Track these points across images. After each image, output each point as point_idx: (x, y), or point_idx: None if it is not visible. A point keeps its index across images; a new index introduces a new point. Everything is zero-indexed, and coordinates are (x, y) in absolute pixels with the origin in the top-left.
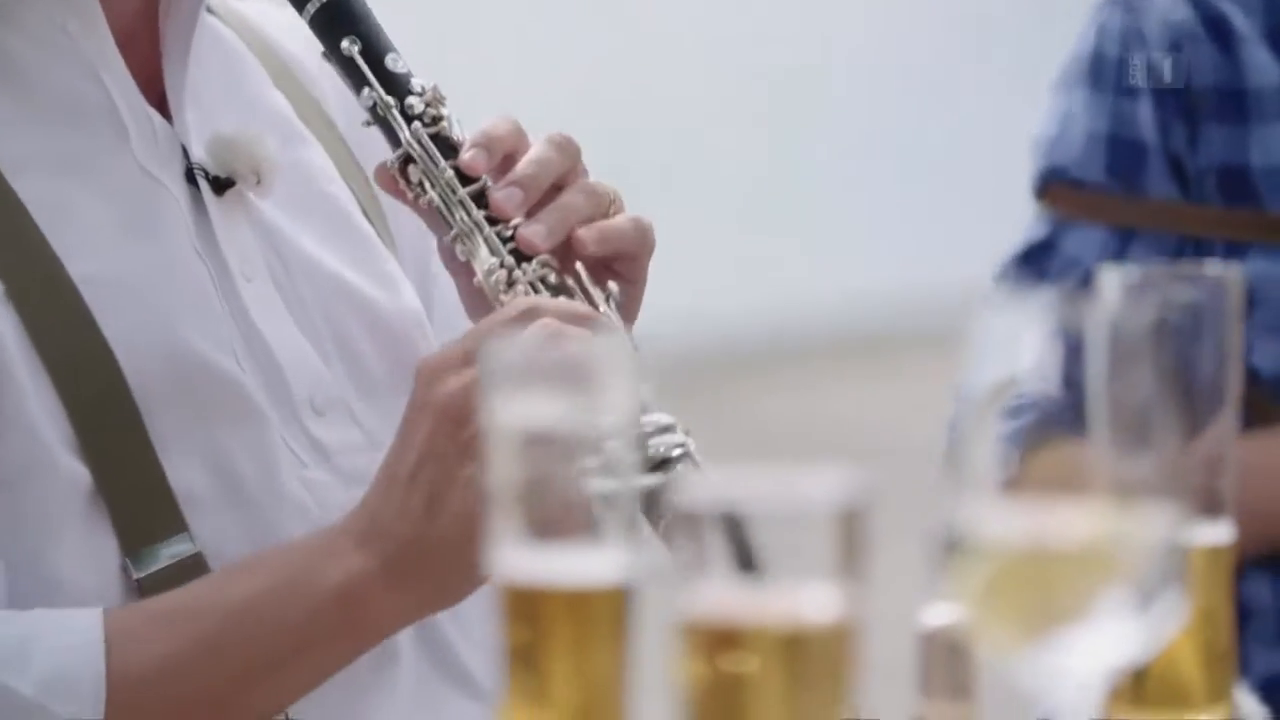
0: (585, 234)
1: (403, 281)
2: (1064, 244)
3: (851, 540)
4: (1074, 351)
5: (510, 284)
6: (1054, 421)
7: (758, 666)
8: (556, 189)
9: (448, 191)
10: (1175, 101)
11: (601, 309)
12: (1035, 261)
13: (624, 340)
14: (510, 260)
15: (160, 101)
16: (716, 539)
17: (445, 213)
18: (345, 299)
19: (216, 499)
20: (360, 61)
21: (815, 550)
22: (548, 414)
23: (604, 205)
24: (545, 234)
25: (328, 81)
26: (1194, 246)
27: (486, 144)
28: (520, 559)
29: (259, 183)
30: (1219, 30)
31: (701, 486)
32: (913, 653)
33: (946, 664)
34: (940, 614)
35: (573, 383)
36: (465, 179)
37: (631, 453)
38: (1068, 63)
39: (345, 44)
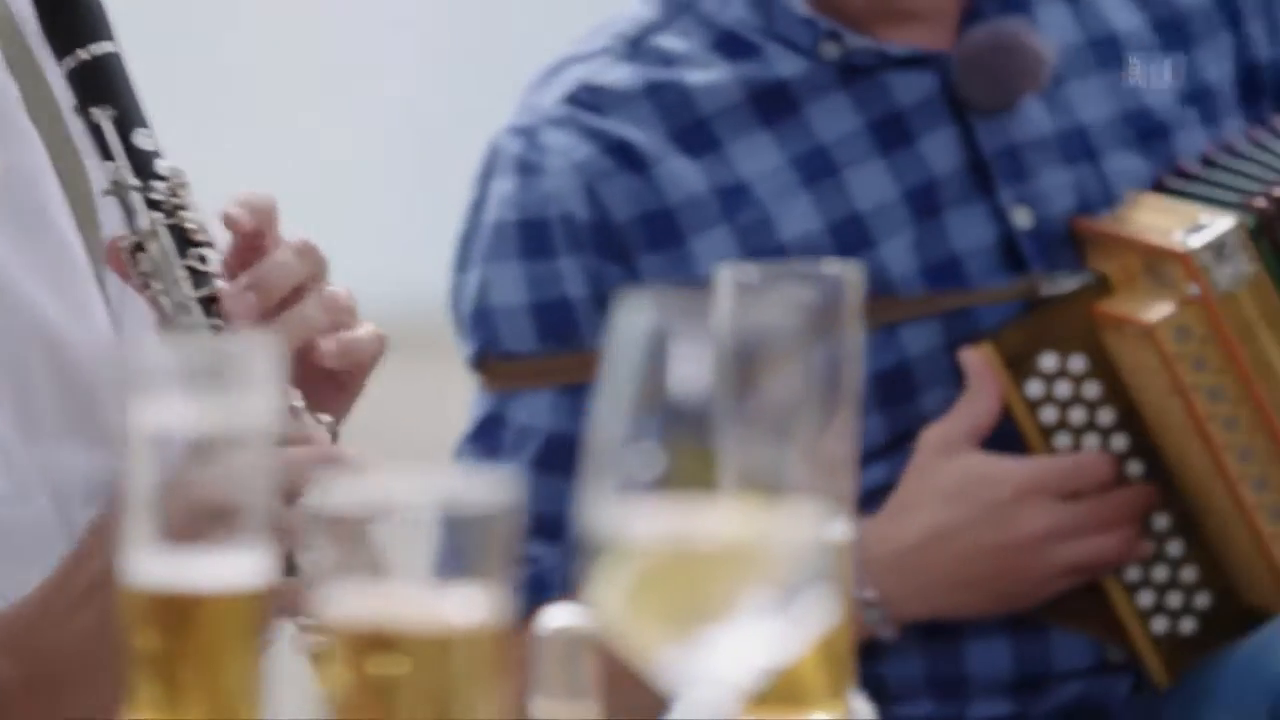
0: (327, 346)
1: (96, 304)
2: (512, 415)
3: (497, 542)
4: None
5: None
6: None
7: (404, 670)
8: (296, 294)
9: (176, 289)
10: (601, 245)
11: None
12: (487, 437)
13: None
14: None
15: None
16: (357, 542)
17: (171, 311)
18: (32, 330)
19: None
20: (109, 132)
21: (460, 552)
22: (184, 416)
23: (343, 317)
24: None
25: None
26: None
27: (231, 237)
28: (152, 563)
29: None
30: (627, 156)
31: (343, 489)
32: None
33: (563, 665)
34: (558, 615)
35: (212, 385)
36: (198, 276)
37: (271, 456)
38: (464, 238)
39: (96, 110)
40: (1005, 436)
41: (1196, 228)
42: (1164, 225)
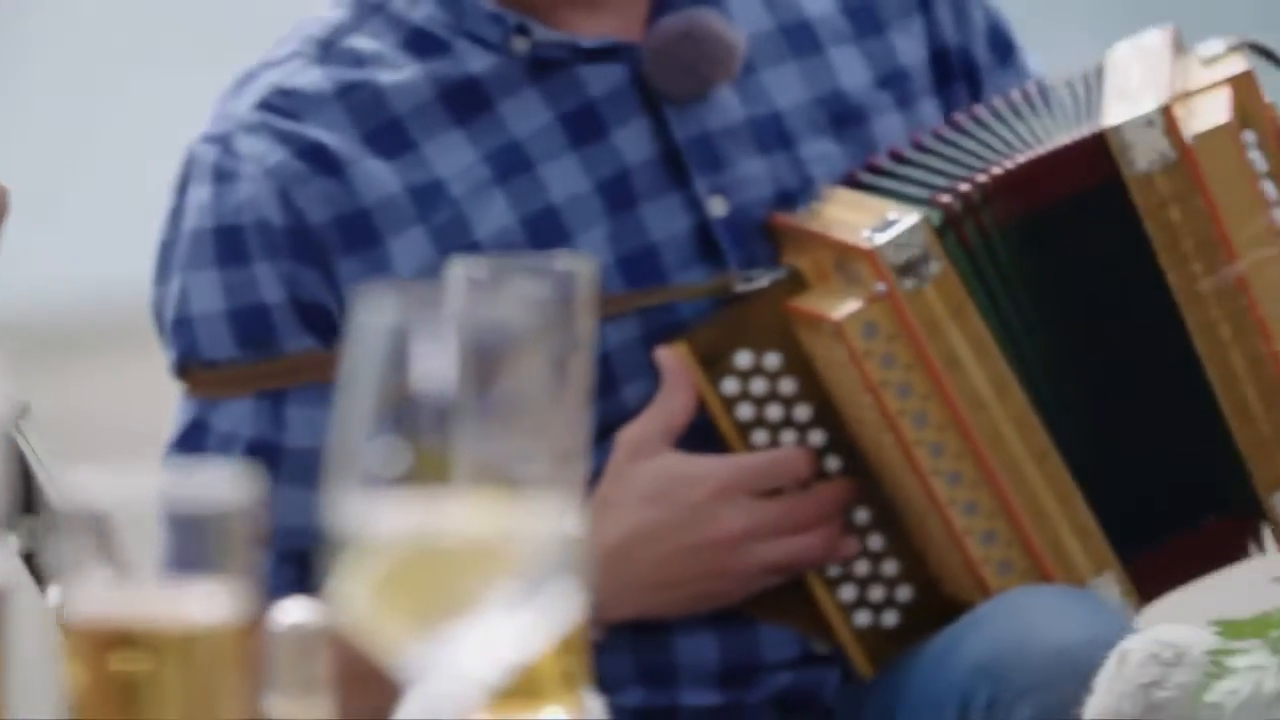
0: None
1: None
2: (214, 422)
3: (235, 539)
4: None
5: None
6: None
7: (145, 667)
8: None
9: None
10: (297, 249)
11: None
12: (191, 444)
13: None
14: None
15: None
16: (96, 538)
17: None
18: None
19: None
20: None
21: (199, 549)
22: None
23: None
24: None
25: None
26: None
27: None
28: None
29: None
30: (320, 159)
31: (78, 486)
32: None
33: (296, 661)
34: (291, 611)
35: None
36: None
37: None
38: (163, 247)
39: None
40: (705, 433)
41: (884, 225)
42: (854, 221)
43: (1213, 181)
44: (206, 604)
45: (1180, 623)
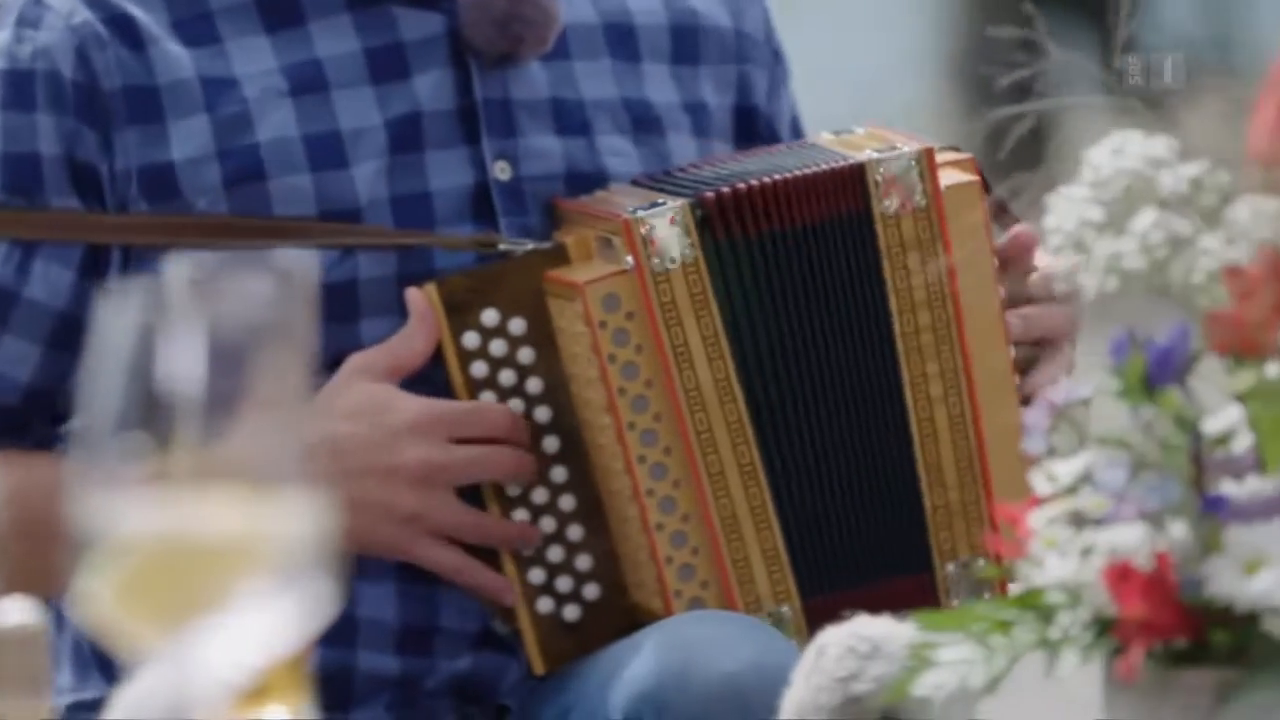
0: None
1: None
2: None
3: None
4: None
5: None
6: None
7: None
8: None
9: None
10: (81, 108)
11: None
12: None
13: None
14: None
15: None
16: None
17: None
18: None
19: None
20: None
21: None
22: None
23: None
24: None
25: None
26: (102, 254)
27: None
28: None
29: None
30: (125, 30)
31: None
32: None
33: (20, 661)
34: (11, 611)
35: None
36: None
37: None
38: None
39: None
40: (439, 390)
41: (650, 205)
42: (624, 203)
43: (954, 235)
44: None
45: None
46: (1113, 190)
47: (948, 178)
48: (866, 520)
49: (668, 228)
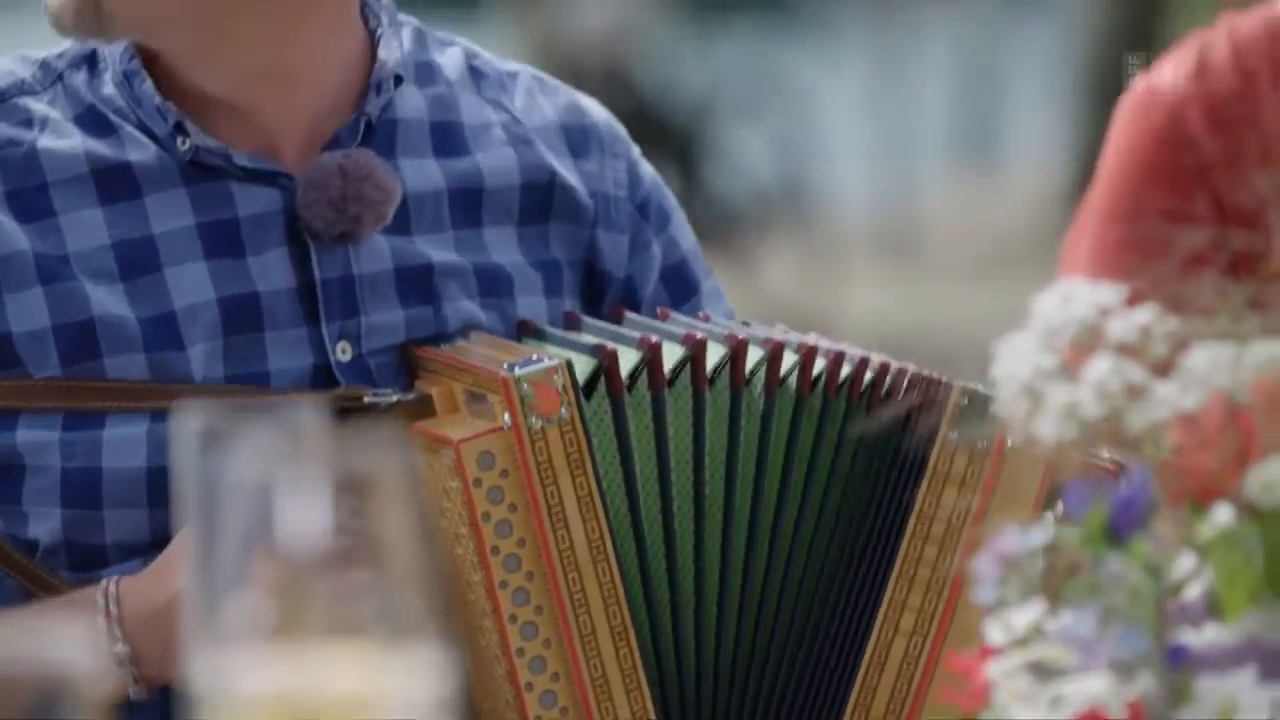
0: None
1: None
2: None
3: None
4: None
5: None
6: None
7: None
8: None
9: None
10: None
11: None
12: None
13: None
14: None
15: None
16: None
17: None
18: None
19: None
20: None
21: None
22: None
23: None
24: None
25: None
26: None
27: None
28: None
29: None
30: None
31: None
32: None
33: None
34: None
35: None
36: None
37: None
38: None
39: None
40: None
41: (527, 361)
42: (497, 356)
43: (999, 493)
44: None
45: None
46: (1062, 338)
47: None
48: (763, 710)
49: (546, 386)
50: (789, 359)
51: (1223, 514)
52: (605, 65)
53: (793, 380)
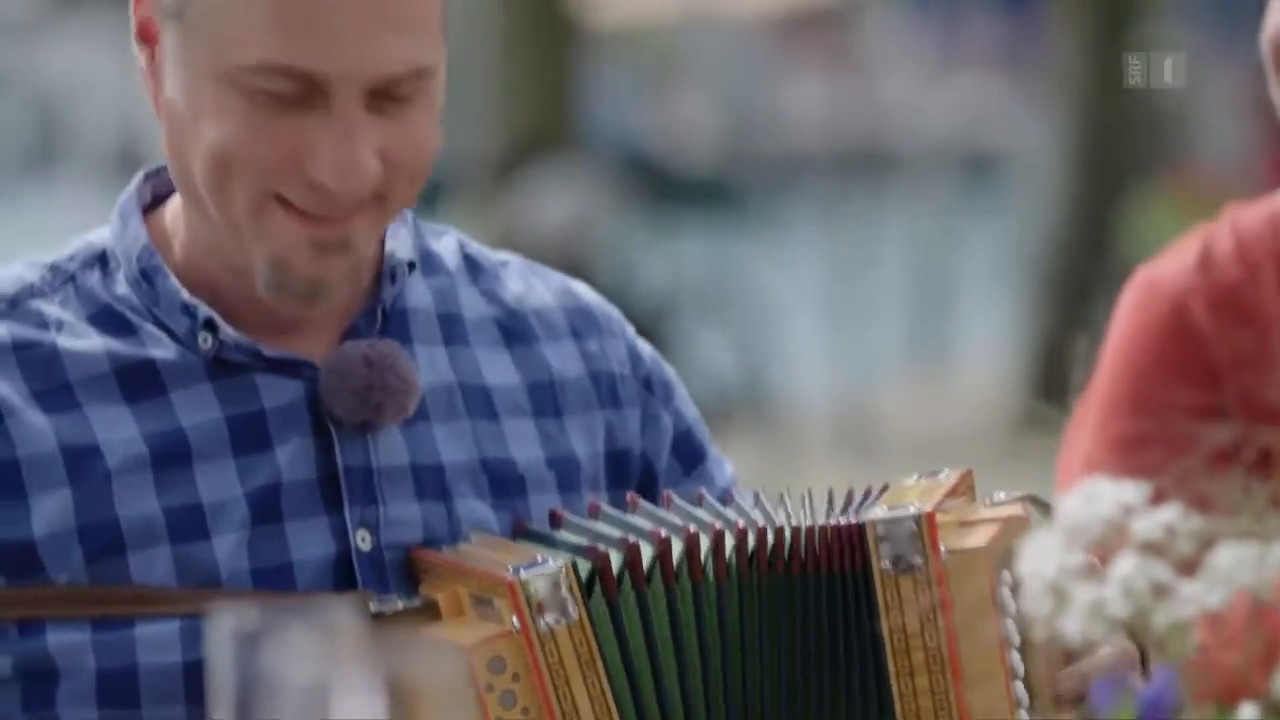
0: None
1: None
2: None
3: None
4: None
5: None
6: None
7: None
8: None
9: None
10: None
11: None
12: None
13: None
14: None
15: None
16: None
17: None
18: None
19: None
20: None
21: None
22: None
23: None
24: None
25: None
26: None
27: None
28: None
29: None
30: None
31: None
32: None
33: None
34: None
35: None
36: None
37: None
38: None
39: None
40: None
41: (531, 564)
42: (498, 559)
43: (958, 602)
44: None
45: None
46: (1087, 536)
47: (960, 540)
48: None
49: (551, 588)
50: (704, 544)
51: (1248, 713)
52: (564, 260)
53: (710, 567)
